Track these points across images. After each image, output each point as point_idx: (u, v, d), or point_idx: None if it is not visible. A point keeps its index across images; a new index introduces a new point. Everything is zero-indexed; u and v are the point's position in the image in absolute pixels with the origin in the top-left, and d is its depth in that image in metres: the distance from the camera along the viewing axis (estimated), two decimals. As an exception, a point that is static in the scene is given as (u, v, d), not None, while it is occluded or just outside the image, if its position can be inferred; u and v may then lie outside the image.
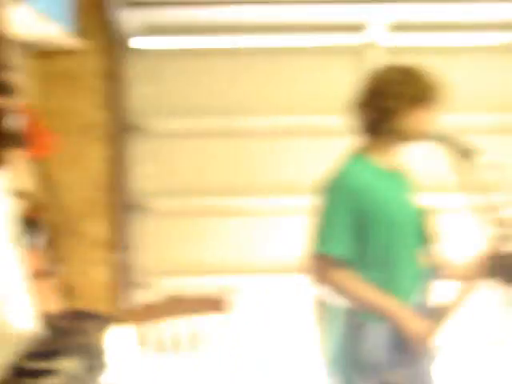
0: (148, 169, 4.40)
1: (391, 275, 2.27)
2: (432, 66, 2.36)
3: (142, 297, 4.35)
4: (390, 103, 2.25)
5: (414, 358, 2.22)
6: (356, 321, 2.24)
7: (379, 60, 4.10)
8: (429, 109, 2.28)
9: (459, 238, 4.06)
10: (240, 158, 4.51)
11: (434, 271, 2.39)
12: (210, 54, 4.43)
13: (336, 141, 2.46)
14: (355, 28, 4.32)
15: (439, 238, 2.43)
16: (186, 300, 3.18)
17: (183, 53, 4.43)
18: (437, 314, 2.29)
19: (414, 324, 2.20)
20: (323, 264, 2.23)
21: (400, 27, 4.31)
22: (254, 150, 4.50)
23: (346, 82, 2.34)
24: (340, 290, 2.24)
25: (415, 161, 2.60)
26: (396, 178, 2.38)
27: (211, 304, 3.15)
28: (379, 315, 2.21)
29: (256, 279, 4.56)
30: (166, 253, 4.51)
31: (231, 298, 3.13)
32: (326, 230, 2.24)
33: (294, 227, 4.22)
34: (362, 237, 2.24)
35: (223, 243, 4.52)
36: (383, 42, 4.30)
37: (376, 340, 2.19)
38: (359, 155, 2.36)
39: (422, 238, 2.38)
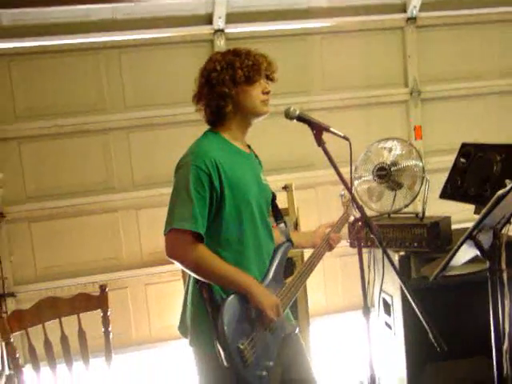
0: (2, 176, 4.58)
1: (243, 252, 2.37)
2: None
3: (13, 305, 4.54)
4: (218, 90, 2.37)
5: (265, 327, 2.33)
6: (214, 295, 2.29)
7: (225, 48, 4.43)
8: (256, 85, 2.40)
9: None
10: (95, 156, 4.78)
11: (286, 244, 2.57)
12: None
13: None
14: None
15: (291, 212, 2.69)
16: (63, 301, 3.12)
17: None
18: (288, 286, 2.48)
19: (265, 296, 2.29)
20: (179, 240, 2.24)
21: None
22: (109, 147, 4.80)
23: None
24: (196, 266, 2.25)
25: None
26: (246, 157, 2.48)
27: (89, 301, 3.14)
28: (232, 289, 2.28)
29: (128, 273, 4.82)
30: (32, 258, 4.71)
31: (105, 294, 3.15)
32: (182, 205, 2.25)
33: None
34: (215, 213, 2.31)
35: (89, 242, 4.74)
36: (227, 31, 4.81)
37: (230, 310, 2.25)
38: (211, 132, 2.46)
39: (269, 214, 2.55)
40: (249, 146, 2.59)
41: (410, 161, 3.75)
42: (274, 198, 2.61)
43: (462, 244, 2.10)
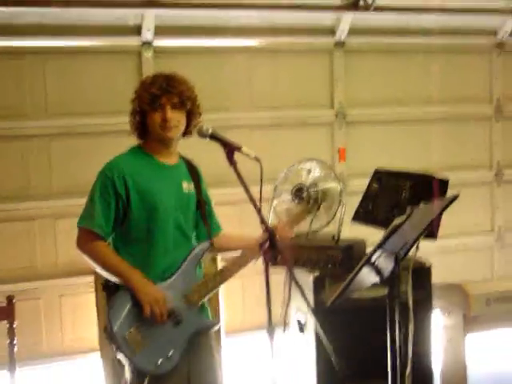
0: None
1: (149, 251, 2.63)
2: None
3: None
4: (130, 117, 2.71)
5: (150, 319, 2.52)
6: (112, 288, 2.60)
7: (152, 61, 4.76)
8: (156, 112, 2.62)
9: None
10: (14, 162, 4.66)
11: (203, 245, 2.79)
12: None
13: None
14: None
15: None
16: None
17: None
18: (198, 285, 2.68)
19: (145, 290, 2.52)
20: (80, 236, 2.62)
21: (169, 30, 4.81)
22: (28, 154, 4.68)
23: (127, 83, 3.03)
24: (92, 258, 2.58)
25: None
26: (164, 168, 2.72)
27: None
28: (120, 281, 2.56)
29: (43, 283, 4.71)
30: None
31: (12, 304, 3.11)
32: (87, 207, 2.61)
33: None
34: (124, 216, 2.61)
35: (3, 250, 4.63)
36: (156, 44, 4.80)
37: (118, 303, 2.54)
38: (136, 147, 2.76)
39: (189, 223, 2.78)
40: (184, 159, 2.85)
41: (328, 183, 3.79)
42: (199, 205, 2.82)
43: (359, 270, 2.13)
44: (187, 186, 2.77)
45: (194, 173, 2.85)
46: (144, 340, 2.50)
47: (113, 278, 2.58)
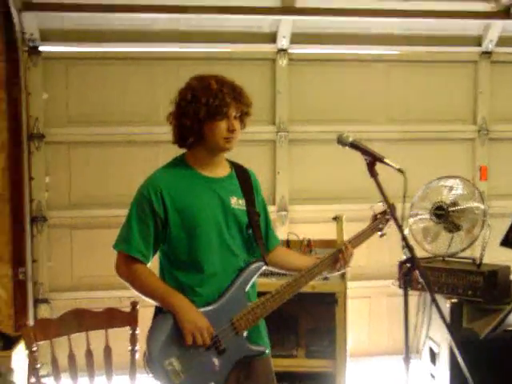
0: (49, 180, 4.55)
1: (192, 275, 2.42)
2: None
3: (45, 313, 4.48)
4: (182, 120, 2.41)
5: (192, 348, 2.33)
6: (156, 313, 2.42)
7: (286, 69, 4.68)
8: (221, 122, 2.38)
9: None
10: (143, 167, 4.48)
11: (256, 264, 2.51)
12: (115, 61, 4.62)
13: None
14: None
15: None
16: (91, 314, 3.08)
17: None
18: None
19: (187, 317, 2.32)
20: (118, 259, 2.46)
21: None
22: (158, 160, 4.43)
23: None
24: (132, 284, 2.43)
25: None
26: (209, 182, 2.48)
27: (118, 317, 3.10)
28: (162, 306, 2.38)
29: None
30: (70, 266, 4.61)
31: (136, 311, 3.11)
32: (124, 228, 2.45)
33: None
34: (165, 236, 2.44)
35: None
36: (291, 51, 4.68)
37: (158, 328, 2.35)
38: (179, 158, 2.53)
39: (239, 241, 2.51)
40: (237, 168, 2.61)
41: (471, 202, 3.56)
42: (251, 222, 2.54)
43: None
44: (236, 202, 2.52)
45: (247, 183, 2.60)
46: (184, 370, 2.32)
47: (155, 303, 2.42)
